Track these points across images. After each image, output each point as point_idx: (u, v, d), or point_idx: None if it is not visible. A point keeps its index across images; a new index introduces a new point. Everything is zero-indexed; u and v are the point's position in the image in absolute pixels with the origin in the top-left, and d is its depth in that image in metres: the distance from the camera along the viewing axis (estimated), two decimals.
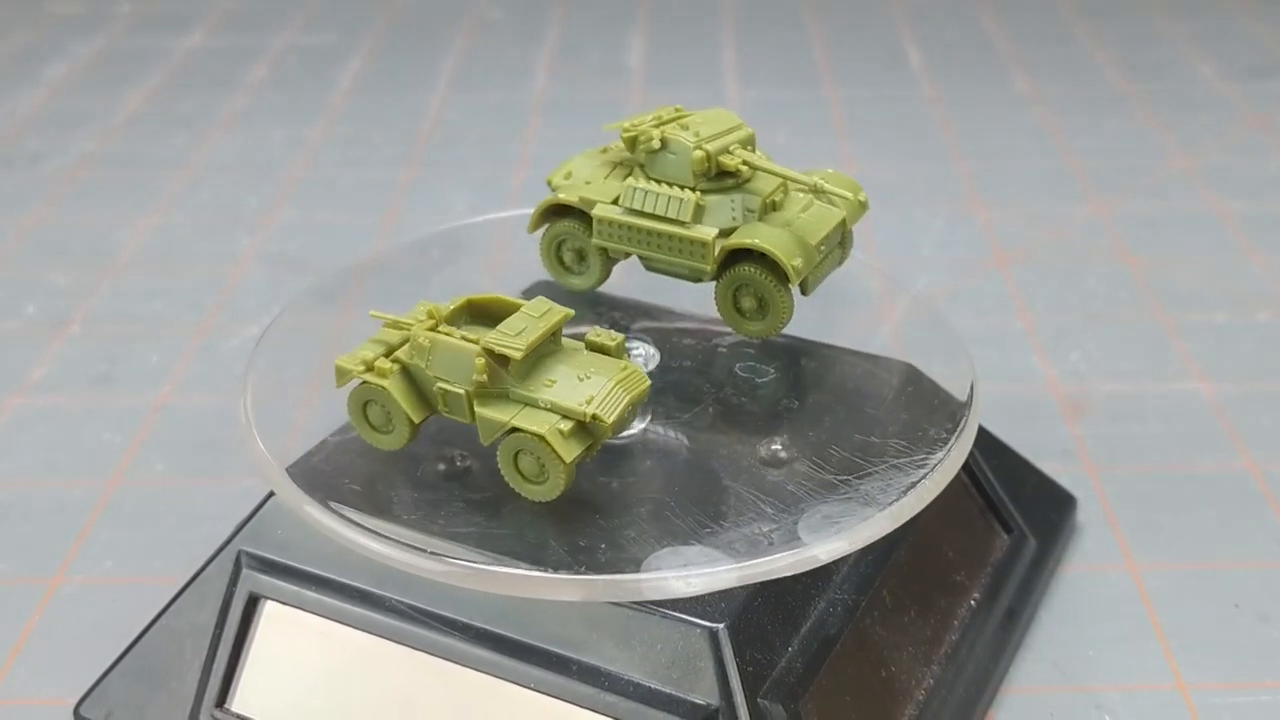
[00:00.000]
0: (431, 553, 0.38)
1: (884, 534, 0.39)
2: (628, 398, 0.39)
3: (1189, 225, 0.77)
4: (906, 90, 0.96)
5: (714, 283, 0.45)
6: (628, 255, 0.46)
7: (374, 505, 0.40)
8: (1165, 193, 0.81)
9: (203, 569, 0.44)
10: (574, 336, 0.42)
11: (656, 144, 0.44)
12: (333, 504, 0.40)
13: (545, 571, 0.37)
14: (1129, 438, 0.59)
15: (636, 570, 0.37)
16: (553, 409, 0.38)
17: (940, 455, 0.42)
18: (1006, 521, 0.50)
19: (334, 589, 0.41)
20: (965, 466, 0.48)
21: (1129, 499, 0.55)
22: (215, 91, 0.97)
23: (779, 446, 0.43)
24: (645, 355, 0.46)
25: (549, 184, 0.48)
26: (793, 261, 0.43)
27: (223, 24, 1.10)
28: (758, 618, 0.39)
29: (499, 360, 0.39)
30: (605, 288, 0.51)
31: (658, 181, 0.44)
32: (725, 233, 0.44)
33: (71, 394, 0.63)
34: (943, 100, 0.94)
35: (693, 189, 0.44)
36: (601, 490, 0.41)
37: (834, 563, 0.41)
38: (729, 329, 0.47)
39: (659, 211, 0.44)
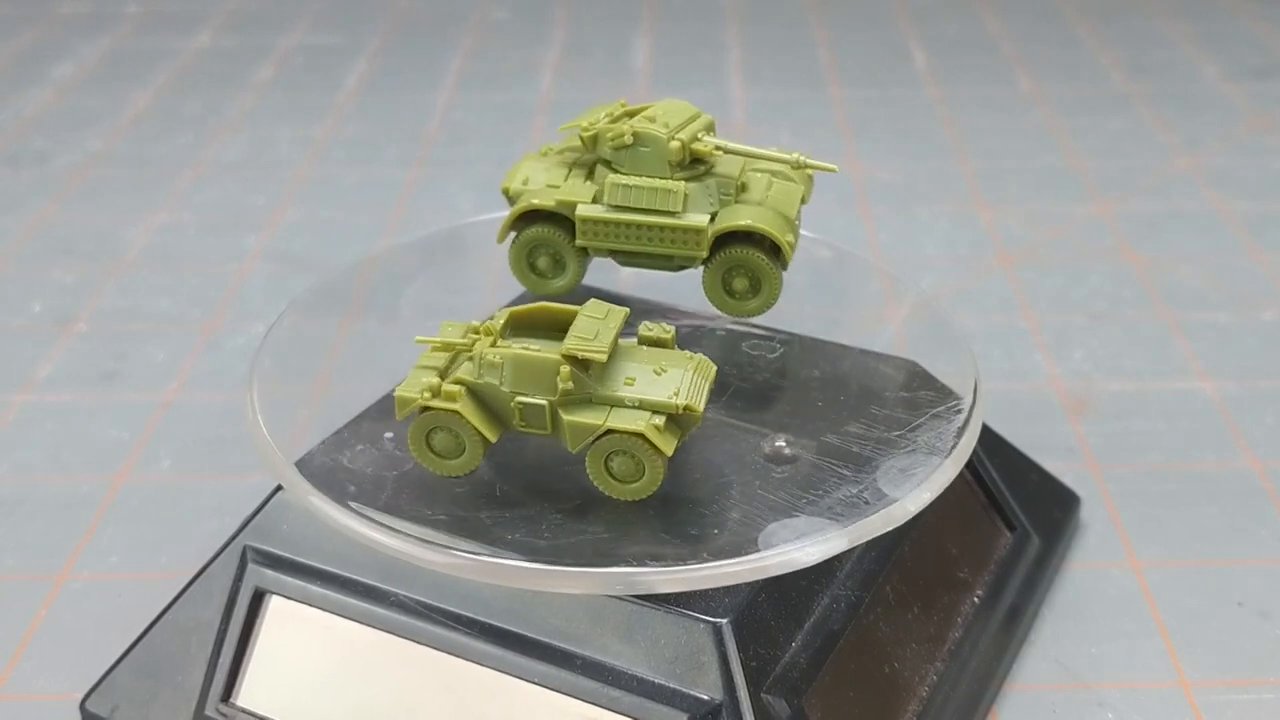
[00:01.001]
0: (438, 545, 0.38)
1: (887, 529, 0.39)
2: (706, 385, 0.40)
3: (1192, 225, 0.77)
4: (910, 90, 0.96)
5: (698, 269, 0.46)
6: (610, 254, 0.46)
7: (380, 500, 0.41)
8: (1168, 192, 0.81)
9: (208, 564, 0.44)
10: None
11: (629, 139, 0.44)
12: (339, 497, 0.40)
13: (546, 565, 0.37)
14: (1132, 436, 0.59)
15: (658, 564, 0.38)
16: (642, 406, 0.39)
17: (944, 452, 0.42)
18: (1010, 519, 0.50)
19: (339, 584, 0.41)
20: (969, 464, 0.48)
21: (1132, 497, 0.55)
22: (222, 91, 0.97)
23: (783, 443, 0.43)
24: None
25: (506, 192, 0.47)
26: (786, 238, 0.44)
27: (230, 24, 1.11)
28: (761, 613, 0.39)
29: (581, 366, 0.39)
30: (606, 285, 0.51)
31: (632, 176, 0.44)
32: (709, 218, 0.45)
33: (78, 391, 0.63)
34: (946, 100, 0.94)
35: (668, 179, 0.44)
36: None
37: (837, 559, 0.41)
38: (730, 320, 0.47)
39: (648, 205, 0.44)
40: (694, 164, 0.45)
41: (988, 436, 0.51)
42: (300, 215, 0.79)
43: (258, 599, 0.42)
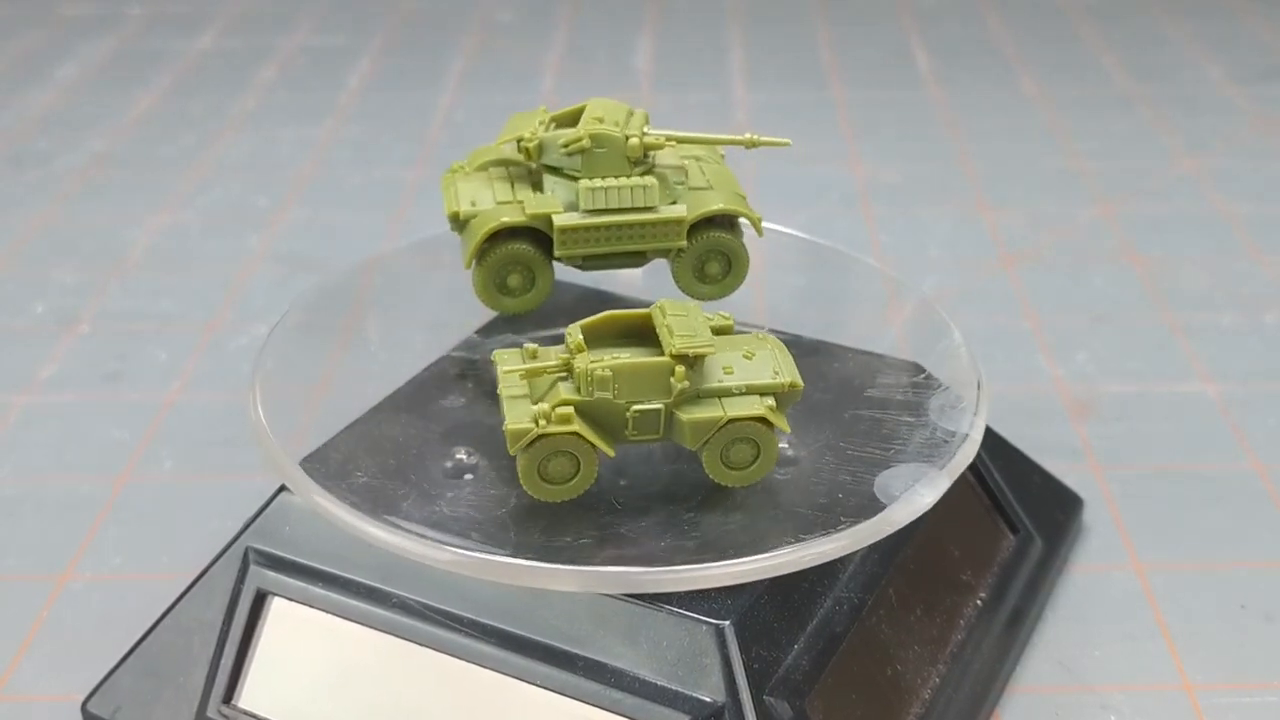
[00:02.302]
0: (442, 542, 0.38)
1: (888, 533, 0.39)
2: (790, 358, 0.40)
3: (1195, 226, 0.77)
4: (913, 92, 0.96)
5: (667, 260, 0.46)
6: (582, 260, 0.45)
7: (384, 499, 0.41)
8: (1172, 194, 0.81)
9: (211, 565, 0.44)
10: None
11: (587, 142, 0.44)
12: (343, 496, 0.40)
13: (550, 563, 0.37)
14: (1135, 438, 0.59)
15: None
16: (750, 391, 0.39)
17: (947, 455, 0.42)
18: (1013, 521, 0.50)
19: (341, 585, 0.41)
20: (972, 466, 0.48)
21: (1135, 499, 0.55)
22: (225, 92, 0.97)
23: (786, 445, 0.43)
24: None
25: (456, 216, 0.45)
26: (755, 215, 0.45)
27: (233, 25, 1.11)
28: (764, 615, 0.39)
29: (691, 363, 0.39)
30: (606, 286, 0.51)
31: (575, 179, 0.44)
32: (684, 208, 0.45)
33: (81, 391, 0.63)
34: (949, 102, 0.94)
35: (632, 176, 0.44)
36: (611, 490, 0.42)
37: (839, 562, 0.41)
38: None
39: (627, 204, 0.44)
40: (644, 159, 0.45)
41: (990, 438, 0.51)
42: (303, 216, 0.79)
43: (259, 600, 0.42)
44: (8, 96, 0.97)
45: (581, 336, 0.40)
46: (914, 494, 0.40)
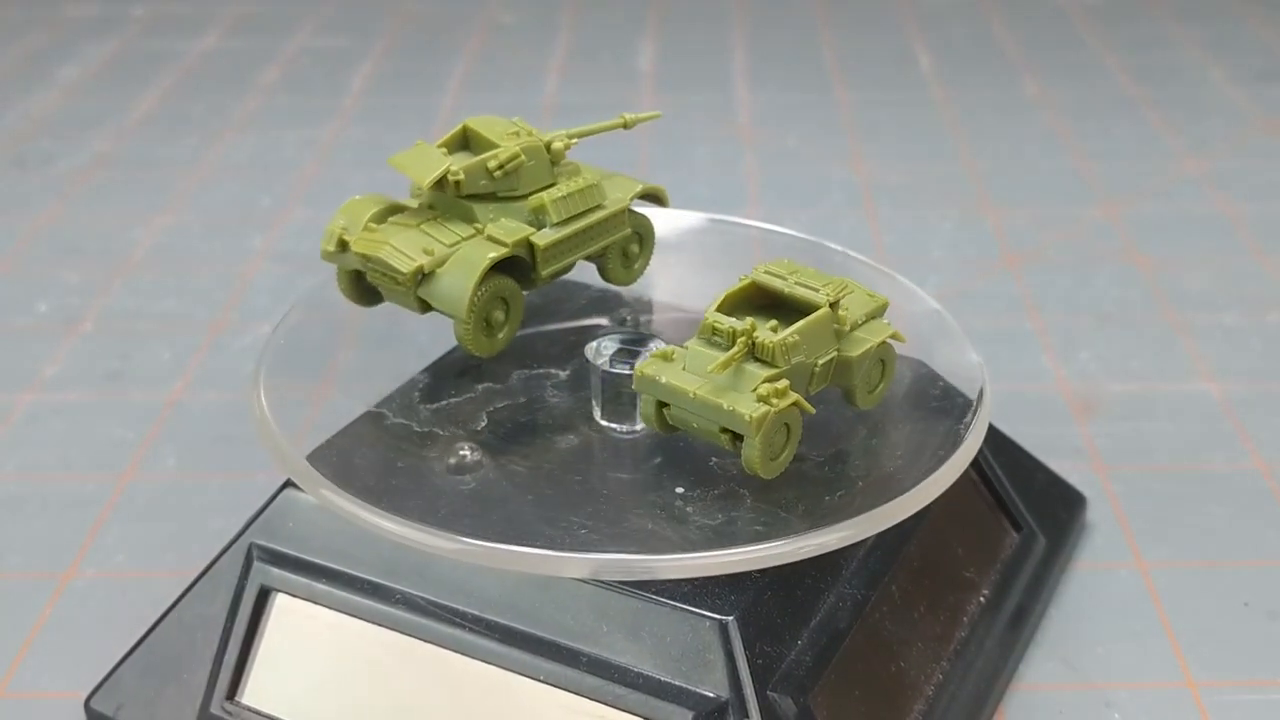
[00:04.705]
0: (446, 532, 0.38)
1: (894, 523, 0.39)
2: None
3: (1199, 227, 0.77)
4: (917, 93, 0.96)
5: (603, 251, 0.47)
6: (552, 275, 0.45)
7: (388, 494, 0.41)
8: (1175, 195, 0.81)
9: (214, 562, 0.44)
10: (587, 336, 0.42)
11: (524, 157, 0.43)
12: (349, 488, 0.40)
13: (554, 551, 0.38)
14: (1139, 437, 0.59)
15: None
16: (866, 319, 0.43)
17: (950, 450, 0.42)
18: (1016, 519, 0.50)
19: (345, 582, 0.41)
20: (975, 464, 0.48)
21: (1138, 498, 0.55)
22: (228, 93, 0.97)
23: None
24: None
25: (420, 270, 0.42)
26: (660, 187, 0.47)
27: (236, 27, 1.11)
28: (767, 611, 0.39)
29: (836, 308, 0.42)
30: (607, 286, 0.51)
31: (519, 197, 0.44)
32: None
33: (84, 390, 0.63)
34: (953, 103, 0.94)
35: (554, 182, 0.45)
36: (611, 483, 0.41)
37: (843, 557, 0.41)
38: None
39: (587, 206, 0.45)
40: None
41: (994, 437, 0.51)
42: (306, 216, 0.79)
43: (263, 597, 0.42)
44: (11, 97, 0.97)
45: (750, 318, 0.40)
46: (915, 489, 0.40)
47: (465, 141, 0.45)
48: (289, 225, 0.78)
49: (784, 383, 0.39)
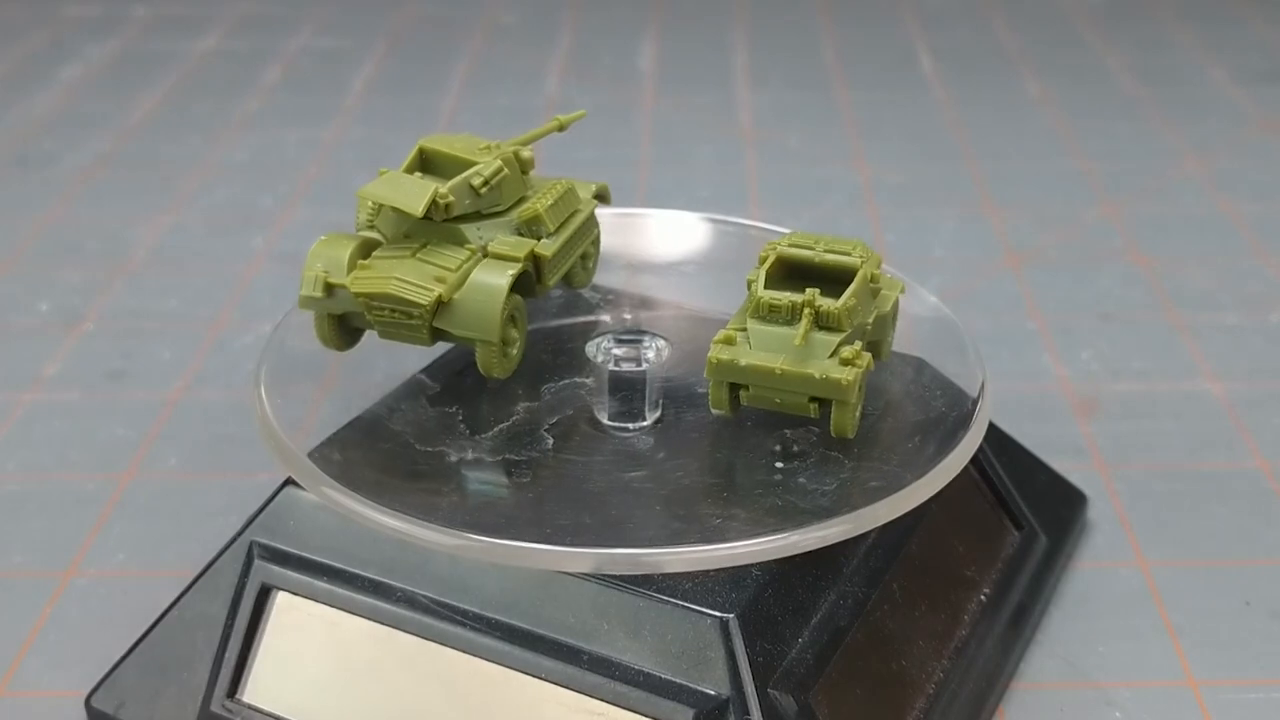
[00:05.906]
0: (449, 528, 0.38)
1: (893, 517, 0.39)
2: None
3: (1200, 227, 0.77)
4: (918, 93, 0.96)
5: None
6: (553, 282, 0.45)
7: (389, 491, 0.41)
8: (1176, 195, 0.81)
9: (215, 560, 0.44)
10: (581, 332, 0.42)
11: (506, 170, 0.43)
12: (350, 485, 0.40)
13: (557, 546, 0.38)
14: (1140, 436, 0.59)
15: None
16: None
17: (950, 448, 0.42)
18: (1017, 518, 0.50)
19: (345, 580, 0.41)
20: (977, 463, 0.48)
21: (1140, 496, 0.55)
22: (229, 93, 0.97)
23: (791, 438, 0.43)
24: (656, 348, 0.46)
25: (440, 299, 0.41)
26: (604, 184, 0.48)
27: (237, 27, 1.11)
28: (768, 608, 0.39)
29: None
30: (607, 284, 0.51)
31: (502, 211, 0.43)
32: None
33: (85, 389, 0.63)
34: (954, 103, 0.94)
35: (530, 191, 0.45)
36: (614, 478, 0.42)
37: (844, 555, 0.41)
38: (724, 319, 0.47)
39: (570, 211, 0.45)
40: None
41: (995, 435, 0.51)
42: (307, 216, 0.79)
43: (264, 594, 0.42)
44: (13, 97, 0.97)
45: (809, 289, 0.41)
46: (915, 485, 0.40)
47: (424, 164, 0.44)
48: (290, 225, 0.78)
49: (858, 343, 0.41)
